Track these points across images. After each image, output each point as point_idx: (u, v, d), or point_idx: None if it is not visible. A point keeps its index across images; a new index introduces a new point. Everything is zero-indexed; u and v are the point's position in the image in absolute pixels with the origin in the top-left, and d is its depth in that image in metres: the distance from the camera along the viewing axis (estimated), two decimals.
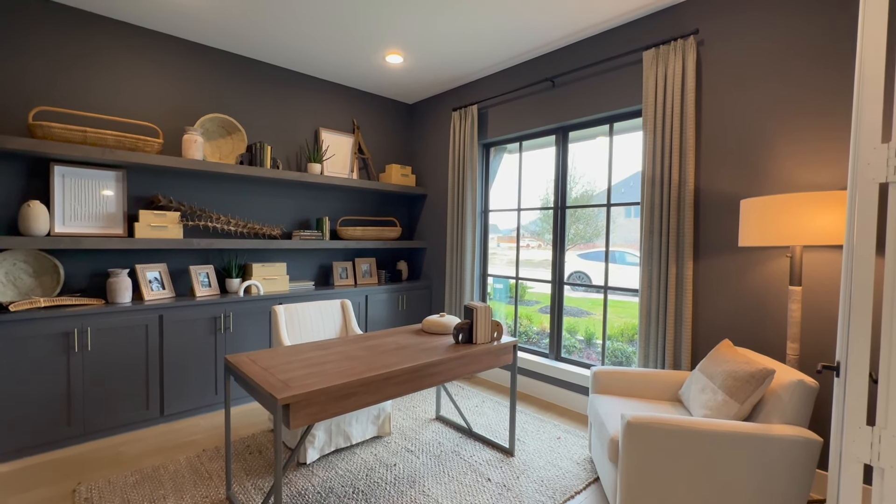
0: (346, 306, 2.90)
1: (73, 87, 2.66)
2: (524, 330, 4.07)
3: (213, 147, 3.18)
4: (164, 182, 2.99)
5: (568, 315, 6.07)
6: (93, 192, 2.69)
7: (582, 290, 4.00)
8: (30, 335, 2.29)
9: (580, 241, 4.64)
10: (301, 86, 3.65)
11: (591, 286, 3.14)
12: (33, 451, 2.32)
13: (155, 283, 2.87)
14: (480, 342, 2.23)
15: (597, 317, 3.70)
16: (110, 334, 2.53)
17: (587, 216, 3.97)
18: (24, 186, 2.53)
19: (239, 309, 3.01)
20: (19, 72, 2.50)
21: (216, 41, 3.08)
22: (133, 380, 2.60)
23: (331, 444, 2.33)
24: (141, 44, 2.87)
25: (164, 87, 2.98)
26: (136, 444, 2.48)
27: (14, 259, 2.47)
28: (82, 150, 2.48)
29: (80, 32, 2.67)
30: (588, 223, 3.75)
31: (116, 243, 2.61)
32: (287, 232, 3.60)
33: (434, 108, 4.21)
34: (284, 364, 1.81)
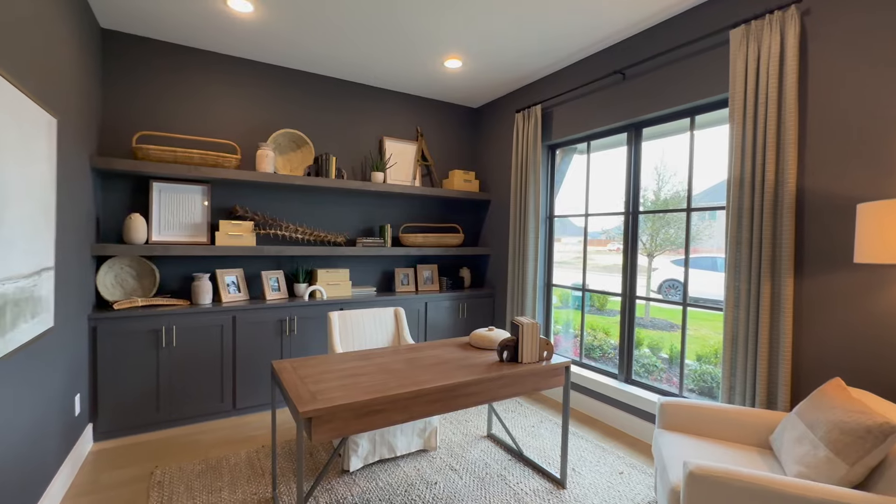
0: (399, 314, 2.89)
1: (168, 113, 3.02)
2: (599, 344, 3.76)
3: (284, 160, 3.41)
4: (241, 194, 3.27)
5: (654, 328, 5.49)
6: (183, 205, 3.03)
7: (674, 300, 3.57)
8: (129, 331, 2.63)
9: (669, 247, 4.16)
10: (365, 97, 3.77)
11: (668, 301, 2.77)
12: (129, 432, 2.66)
13: (232, 287, 3.14)
14: (526, 362, 2.06)
15: (690, 332, 3.26)
16: (192, 332, 2.81)
17: (678, 219, 3.54)
18: (129, 201, 2.92)
19: (303, 313, 3.17)
20: (127, 102, 2.89)
21: (287, 61, 3.30)
22: (210, 374, 2.87)
23: (374, 453, 2.33)
24: (223, 69, 3.17)
25: (241, 107, 3.25)
26: (210, 433, 2.72)
27: (121, 264, 2.87)
28: (173, 169, 2.80)
29: (175, 64, 3.02)
30: (681, 227, 3.34)
31: (200, 250, 2.90)
32: (351, 239, 3.73)
33: (497, 110, 4.08)
34: (320, 374, 1.83)
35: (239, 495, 2.06)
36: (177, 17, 2.66)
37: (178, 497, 2.04)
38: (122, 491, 2.09)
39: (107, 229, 2.86)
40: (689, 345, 3.12)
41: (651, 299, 3.05)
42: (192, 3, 2.50)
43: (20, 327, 1.50)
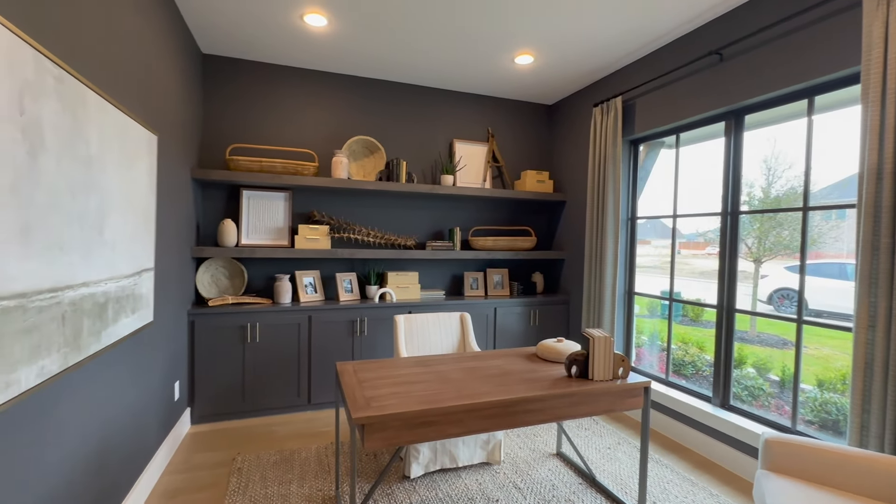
0: (465, 320, 2.83)
1: (256, 125, 3.28)
2: (692, 360, 3.35)
3: (357, 166, 3.53)
4: (318, 199, 3.44)
5: (762, 344, 4.78)
6: (268, 211, 3.27)
7: (787, 312, 3.09)
8: (221, 326, 2.89)
9: (782, 251, 3.58)
10: (436, 100, 3.77)
11: (778, 317, 2.35)
12: (219, 418, 2.92)
13: (309, 288, 3.32)
14: (598, 379, 1.87)
15: (809, 351, 2.78)
16: (273, 329, 3.01)
17: (793, 220, 3.04)
18: (223, 207, 3.22)
19: (373, 314, 3.25)
20: (222, 117, 3.20)
21: (360, 71, 3.41)
22: (288, 370, 3.05)
23: (436, 462, 2.28)
24: (302, 82, 3.37)
25: (319, 117, 3.43)
26: (286, 426, 2.88)
27: (217, 264, 3.17)
28: (259, 177, 3.03)
29: (261, 80, 3.28)
30: (797, 228, 2.85)
31: (281, 252, 3.11)
32: (421, 242, 3.75)
33: (573, 106, 3.84)
34: (378, 378, 1.82)
35: (306, 489, 2.14)
36: (262, 37, 2.87)
37: (253, 485, 2.17)
38: (209, 473, 2.29)
39: (205, 233, 3.18)
40: (807, 366, 2.62)
41: (754, 313, 2.62)
42: (274, 21, 2.68)
43: (121, 322, 1.69)
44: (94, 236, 1.45)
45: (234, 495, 2.08)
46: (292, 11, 2.54)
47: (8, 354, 1.03)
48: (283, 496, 2.08)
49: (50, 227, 1.19)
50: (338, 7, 2.49)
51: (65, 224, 1.27)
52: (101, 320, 1.51)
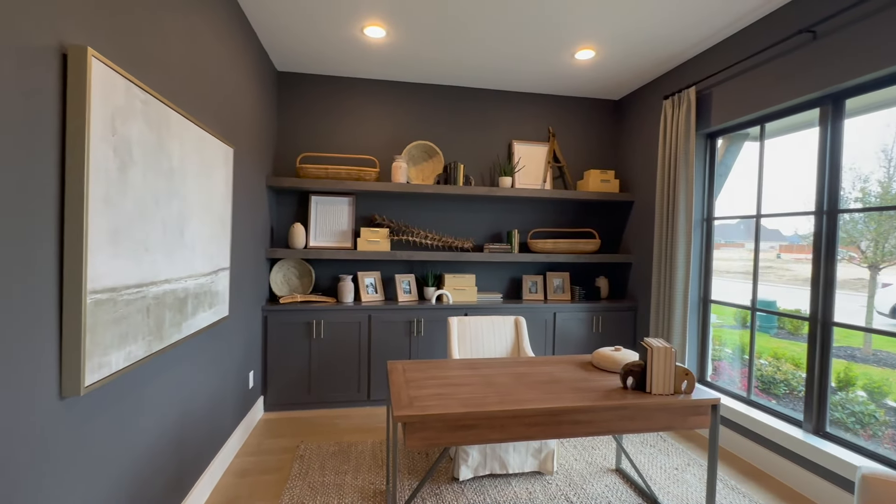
0: (520, 324, 2.77)
1: (324, 135, 3.50)
2: (785, 378, 2.98)
3: (417, 170, 3.62)
4: (379, 203, 3.58)
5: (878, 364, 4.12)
6: (333, 215, 3.47)
7: None
8: (290, 321, 3.12)
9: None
10: (494, 102, 3.75)
11: (887, 333, 2.00)
12: (288, 407, 3.15)
13: (370, 288, 3.47)
14: (656, 392, 1.73)
15: None
16: (337, 327, 3.19)
17: None
18: (294, 212, 3.48)
19: (430, 315, 3.31)
20: (294, 128, 3.46)
21: (418, 77, 3.50)
22: (349, 366, 3.20)
23: (485, 466, 2.26)
24: (364, 92, 3.54)
25: (380, 124, 3.57)
26: (347, 419, 3.03)
27: (288, 265, 3.43)
28: (325, 184, 3.23)
29: (328, 92, 3.49)
30: None
31: (344, 254, 3.28)
32: (478, 245, 3.74)
33: (640, 100, 3.60)
34: (426, 379, 1.85)
35: (359, 481, 2.23)
36: (328, 52, 3.06)
37: (312, 472, 2.31)
38: (276, 458, 2.48)
39: (279, 236, 3.46)
40: None
41: (854, 327, 2.25)
42: (337, 36, 2.84)
43: (199, 315, 1.89)
44: (175, 239, 1.64)
45: (294, 480, 2.23)
46: (353, 25, 2.68)
47: (101, 340, 1.21)
48: (338, 486, 2.19)
49: (136, 231, 1.38)
50: (395, 18, 2.58)
51: (149, 228, 1.45)
52: (181, 313, 1.71)
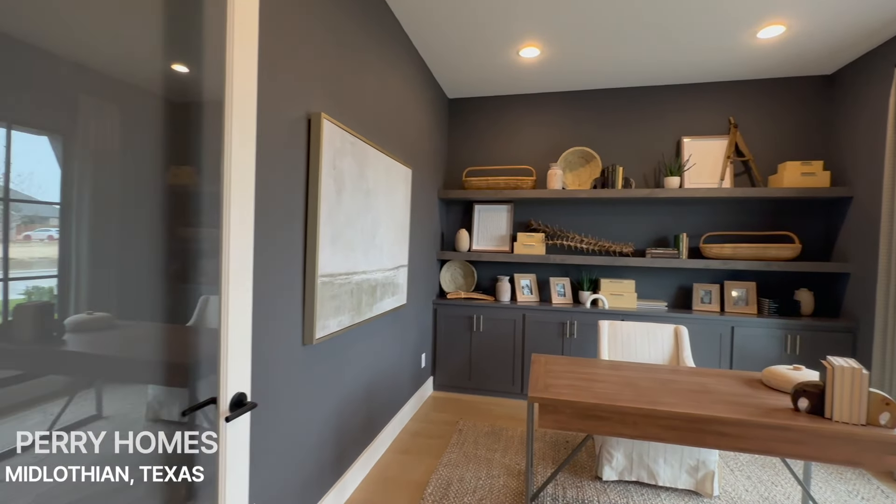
0: (680, 334, 2.60)
1: (486, 150, 3.91)
2: None
3: (573, 176, 3.70)
4: (535, 209, 3.79)
5: None
6: (493, 221, 3.83)
7: None
8: (455, 315, 3.60)
9: None
10: (657, 98, 3.54)
11: None
12: (451, 389, 3.62)
13: (525, 289, 3.69)
14: (839, 420, 1.48)
15: None
16: (494, 323, 3.52)
17: None
18: (460, 219, 3.97)
19: (583, 319, 3.34)
20: (461, 146, 3.96)
21: (573, 85, 3.59)
22: (505, 360, 3.49)
23: (631, 472, 2.23)
24: (521, 106, 3.80)
25: (536, 134, 3.78)
26: (500, 407, 3.32)
27: (455, 265, 3.94)
28: (485, 194, 3.62)
29: (489, 111, 3.88)
30: None
31: (502, 257, 3.60)
32: (639, 249, 3.57)
33: (863, 70, 2.90)
34: (564, 372, 1.99)
35: (507, 460, 2.48)
36: (488, 76, 3.44)
37: (467, 444, 2.67)
38: (439, 427, 2.93)
39: (447, 240, 3.99)
40: None
41: None
42: (495, 62, 3.19)
43: (385, 300, 2.45)
44: (369, 241, 2.20)
45: (453, 448, 2.62)
46: (510, 51, 2.98)
47: (324, 310, 1.77)
48: (488, 460, 2.48)
49: (345, 236, 1.94)
50: (549, 37, 2.78)
51: (353, 233, 2.01)
52: (373, 297, 2.26)
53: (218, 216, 1.04)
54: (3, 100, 0.74)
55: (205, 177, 1.16)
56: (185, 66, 1.14)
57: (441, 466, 2.40)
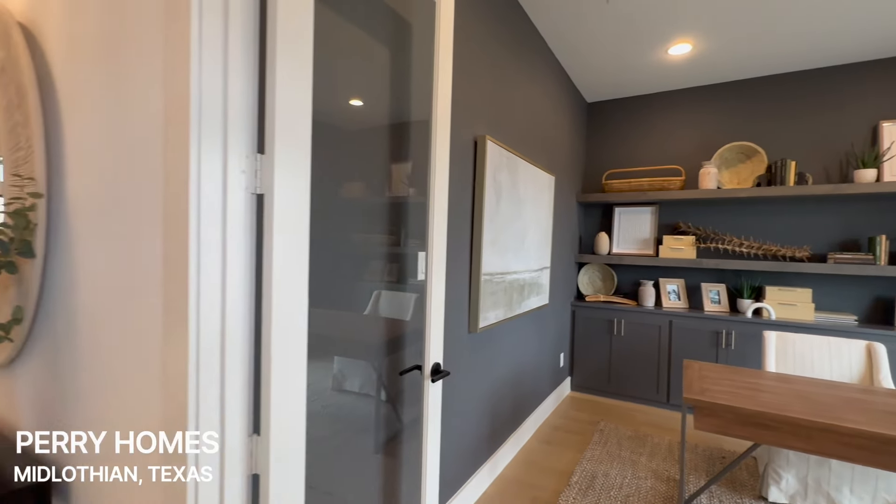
0: (875, 351, 2.25)
1: (627, 152, 3.84)
2: None
3: (730, 174, 3.41)
4: (683, 211, 3.58)
5: None
6: (634, 224, 3.74)
7: None
8: (593, 317, 3.62)
9: None
10: (843, 79, 3.06)
11: None
12: (588, 391, 3.65)
13: (672, 295, 3.53)
14: None
15: None
16: (635, 327, 3.45)
17: None
18: (599, 222, 3.97)
19: (744, 329, 3.07)
20: (600, 150, 3.95)
21: (728, 75, 3.31)
22: (648, 366, 3.40)
23: (805, 497, 2.03)
24: (665, 104, 3.63)
25: (684, 132, 3.58)
26: (642, 414, 3.24)
27: (593, 269, 3.95)
28: (627, 196, 3.57)
29: (631, 112, 3.80)
30: None
31: (645, 261, 3.51)
32: (819, 254, 3.13)
33: None
34: (722, 379, 1.94)
35: (653, 465, 2.46)
36: (631, 77, 3.40)
37: (610, 444, 2.71)
38: (578, 424, 3.02)
39: (585, 243, 4.02)
40: None
41: None
42: (640, 63, 3.15)
43: (530, 300, 2.65)
44: (519, 244, 2.43)
45: (595, 445, 2.69)
46: (658, 49, 2.93)
47: (484, 304, 2.05)
48: (633, 461, 2.50)
49: (500, 239, 2.20)
50: (703, 31, 2.67)
51: (506, 237, 2.26)
52: (521, 295, 2.49)
53: (425, 220, 1.37)
54: None
55: (374, 189, 1.52)
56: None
57: (584, 460, 2.50)
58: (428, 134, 1.39)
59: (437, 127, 1.34)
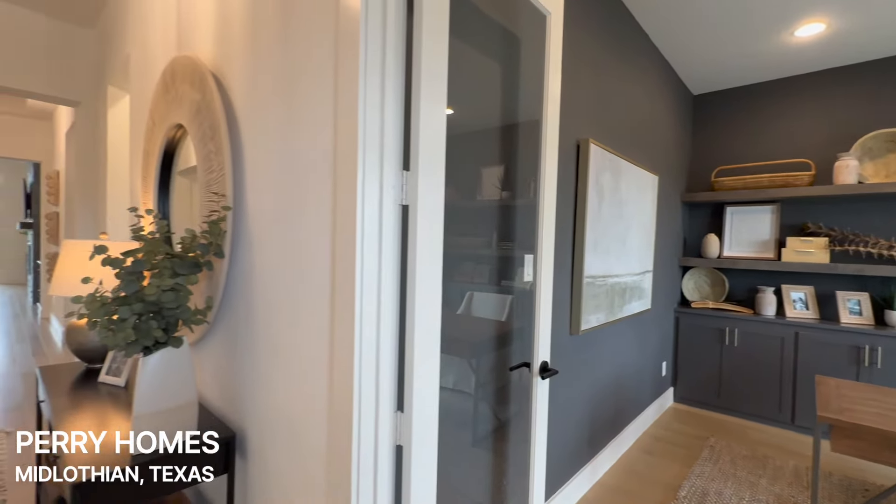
0: None
1: (742, 146, 3.51)
2: None
3: (876, 166, 2.96)
4: (813, 210, 3.18)
5: None
6: (750, 224, 3.41)
7: None
8: (700, 325, 3.38)
9: None
10: None
11: None
12: (694, 403, 3.40)
13: (798, 303, 3.15)
14: None
15: None
16: (752, 338, 3.15)
17: None
18: (706, 223, 3.68)
19: (893, 346, 2.66)
20: (708, 146, 3.67)
21: (868, 54, 2.87)
22: (768, 382, 3.08)
23: None
24: (788, 91, 3.25)
25: (810, 122, 3.18)
26: (761, 433, 2.95)
27: (699, 273, 3.67)
28: (742, 194, 3.28)
29: (745, 103, 3.47)
30: None
31: (764, 265, 3.19)
32: None
33: None
34: (865, 399, 1.72)
35: (776, 489, 2.25)
36: (746, 65, 3.12)
37: (723, 462, 2.52)
38: (684, 437, 2.85)
39: (690, 245, 3.76)
40: None
41: None
42: (758, 48, 2.88)
43: (631, 304, 2.57)
44: (620, 247, 2.38)
45: (705, 462, 2.53)
46: (782, 32, 2.66)
47: (586, 306, 2.05)
48: (751, 483, 2.30)
49: (603, 242, 2.18)
50: (841, 8, 2.38)
51: (608, 240, 2.24)
52: (623, 299, 2.43)
53: (534, 223, 1.44)
54: None
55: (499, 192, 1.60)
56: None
57: (693, 476, 2.36)
58: (529, 139, 1.47)
59: (546, 133, 1.41)
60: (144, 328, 1.08)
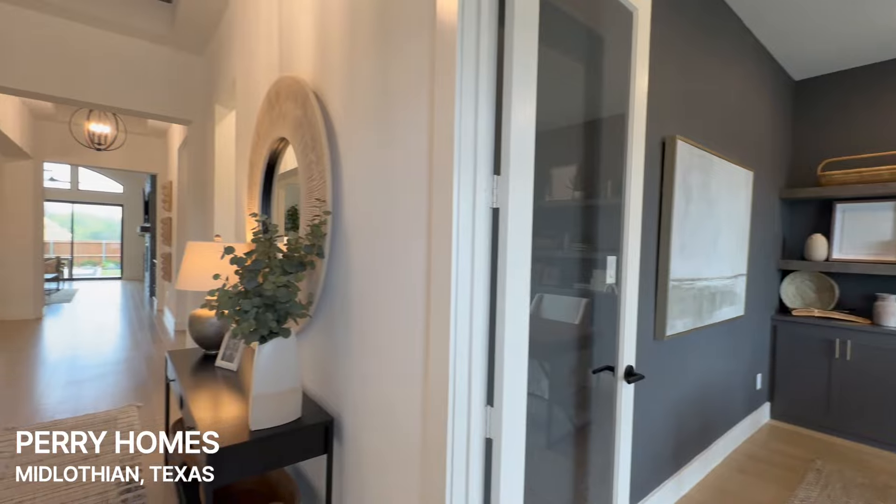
0: None
1: (855, 136, 3.11)
2: None
3: None
4: None
5: None
6: (867, 223, 3.02)
7: None
8: (803, 335, 3.05)
9: None
10: None
11: None
12: (796, 421, 3.07)
13: None
14: None
15: None
16: (870, 352, 2.79)
17: None
18: (810, 223, 3.31)
19: None
20: (812, 137, 3.30)
21: None
22: (890, 401, 2.70)
23: None
24: None
25: None
26: (880, 459, 2.60)
27: (802, 277, 3.32)
28: (857, 190, 2.91)
29: (859, 87, 3.07)
30: None
31: (884, 269, 2.81)
32: None
33: None
34: None
35: None
36: (862, 44, 2.76)
37: (833, 489, 2.26)
38: (784, 458, 2.59)
39: (790, 247, 3.40)
40: None
41: None
42: (881, 22, 2.54)
43: (722, 309, 2.40)
44: (710, 248, 2.23)
45: (810, 486, 2.28)
46: None
47: (672, 311, 1.95)
48: None
49: (690, 244, 2.06)
50: None
51: (696, 241, 2.11)
52: (712, 304, 2.28)
53: (619, 224, 1.41)
54: None
55: None
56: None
57: (796, 500, 2.15)
58: (607, 139, 1.44)
59: (633, 131, 1.38)
60: (262, 319, 1.23)
